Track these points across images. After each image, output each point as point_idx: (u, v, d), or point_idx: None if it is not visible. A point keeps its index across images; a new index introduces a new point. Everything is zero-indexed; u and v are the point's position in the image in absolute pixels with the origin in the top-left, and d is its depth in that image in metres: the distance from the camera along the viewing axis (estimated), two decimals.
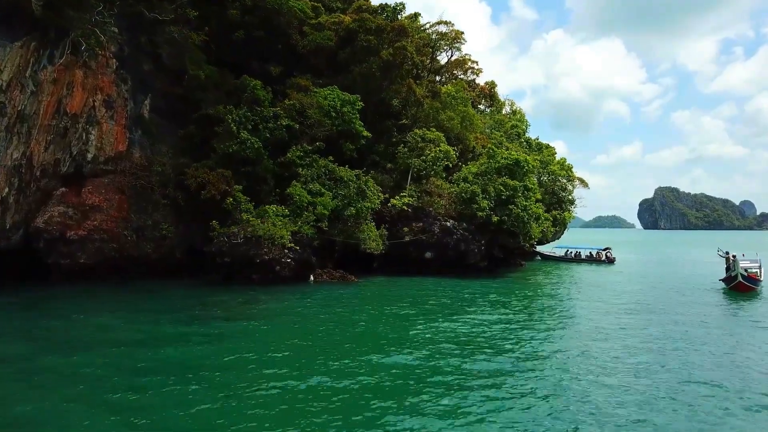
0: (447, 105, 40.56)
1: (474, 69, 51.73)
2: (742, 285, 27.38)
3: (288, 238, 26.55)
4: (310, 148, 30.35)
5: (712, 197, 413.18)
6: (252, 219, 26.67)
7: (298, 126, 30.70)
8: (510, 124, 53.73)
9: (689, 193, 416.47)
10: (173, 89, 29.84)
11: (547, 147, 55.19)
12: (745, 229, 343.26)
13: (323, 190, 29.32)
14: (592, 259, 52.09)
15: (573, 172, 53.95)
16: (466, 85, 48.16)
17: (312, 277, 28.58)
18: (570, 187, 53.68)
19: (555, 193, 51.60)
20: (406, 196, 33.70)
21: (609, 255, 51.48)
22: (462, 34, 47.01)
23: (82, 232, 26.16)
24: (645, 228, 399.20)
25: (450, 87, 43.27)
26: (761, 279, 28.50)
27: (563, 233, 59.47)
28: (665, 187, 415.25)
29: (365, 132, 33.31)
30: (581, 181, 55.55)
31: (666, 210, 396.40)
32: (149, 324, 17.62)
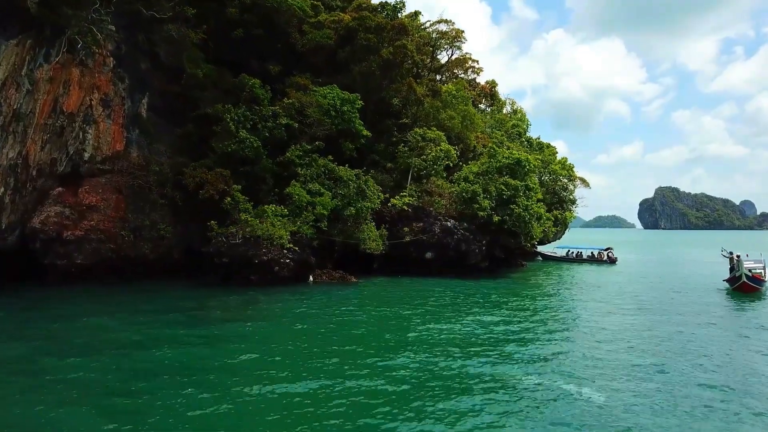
0: (448, 104, 40.29)
1: (474, 68, 51.51)
2: (746, 285, 27.09)
3: (287, 238, 26.28)
4: (309, 147, 30.06)
5: (712, 197, 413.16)
6: (251, 219, 26.40)
7: (297, 125, 30.42)
8: (511, 123, 53.46)
9: (689, 193, 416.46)
10: (171, 88, 29.55)
11: (548, 146, 54.90)
12: (746, 229, 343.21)
13: (323, 189, 29.04)
14: (593, 260, 51.81)
15: (574, 171, 53.71)
16: (466, 84, 47.89)
17: (311, 278, 28.30)
18: (571, 187, 53.44)
19: (556, 193, 51.33)
20: (406, 195, 33.43)
21: (611, 255, 51.19)
22: (462, 32, 46.78)
23: (78, 232, 25.87)
24: (645, 228, 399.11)
25: (450, 86, 42.99)
26: (766, 279, 28.20)
27: (564, 233, 59.20)
28: (665, 187, 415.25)
29: (365, 131, 33.03)
30: (582, 181, 55.30)
31: (666, 210, 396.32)
32: (146, 325, 17.37)
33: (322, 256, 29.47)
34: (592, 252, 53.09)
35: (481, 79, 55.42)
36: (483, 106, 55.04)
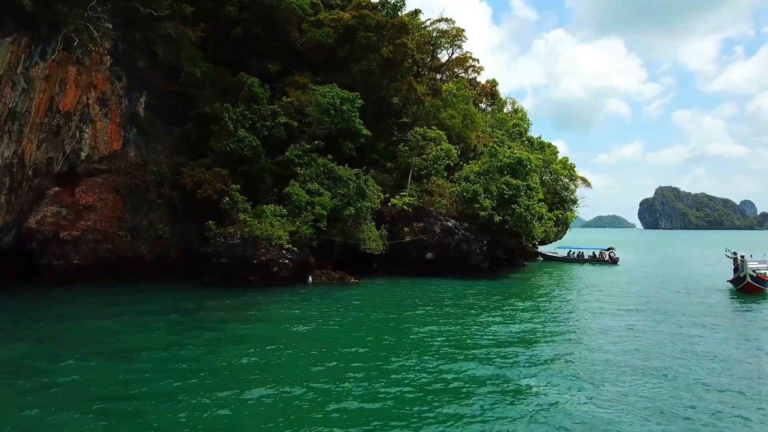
0: (448, 103, 40.01)
1: (475, 67, 51.28)
2: (750, 286, 26.81)
3: (286, 238, 26.01)
4: (308, 146, 29.77)
5: (712, 197, 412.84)
6: (249, 219, 26.12)
7: (296, 124, 30.14)
8: (511, 122, 53.16)
9: (690, 193, 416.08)
10: (169, 87, 29.30)
11: (549, 146, 54.61)
12: (746, 229, 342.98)
13: (322, 189, 28.75)
14: (595, 260, 51.51)
15: (575, 171, 53.41)
16: (467, 84, 47.59)
17: (310, 278, 28.02)
18: (572, 187, 53.15)
19: (557, 193, 51.06)
20: (406, 195, 33.14)
21: (612, 255, 50.90)
22: (463, 31, 46.51)
23: (75, 232, 25.62)
24: (645, 228, 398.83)
25: (451, 85, 42.71)
26: None
27: (565, 233, 58.93)
28: (666, 187, 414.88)
29: (365, 130, 32.75)
30: (583, 181, 55.02)
31: (666, 210, 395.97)
32: (144, 326, 17.11)
33: (321, 256, 29.18)
34: (593, 252, 52.80)
35: (482, 79, 55.23)
36: (484, 105, 54.77)
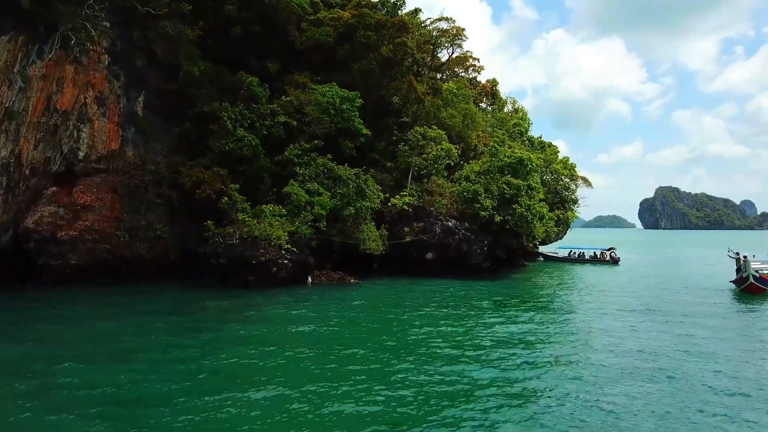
0: (448, 102, 39.79)
1: (475, 66, 51.05)
2: (753, 286, 26.59)
3: (285, 238, 25.80)
4: (308, 146, 29.57)
5: (712, 197, 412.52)
6: (248, 219, 25.93)
7: (295, 123, 29.93)
8: (512, 122, 52.95)
9: (690, 193, 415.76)
10: (168, 86, 29.09)
11: (550, 145, 54.38)
12: (746, 229, 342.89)
13: (321, 189, 28.55)
14: (596, 260, 51.30)
15: (576, 171, 53.16)
16: (467, 83, 47.38)
17: (310, 279, 27.81)
18: (573, 186, 52.92)
19: (558, 193, 50.81)
20: (406, 195, 32.92)
21: (613, 255, 50.67)
22: (463, 30, 46.30)
23: (73, 232, 25.43)
24: (645, 228, 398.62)
25: (451, 84, 42.50)
26: None
27: (566, 233, 58.70)
28: (666, 187, 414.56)
29: (365, 130, 32.52)
30: (584, 180, 54.77)
31: (667, 210, 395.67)
32: (141, 327, 16.93)
33: (321, 256, 28.97)
34: (594, 252, 52.59)
35: (482, 78, 55.00)
36: (484, 104, 54.55)
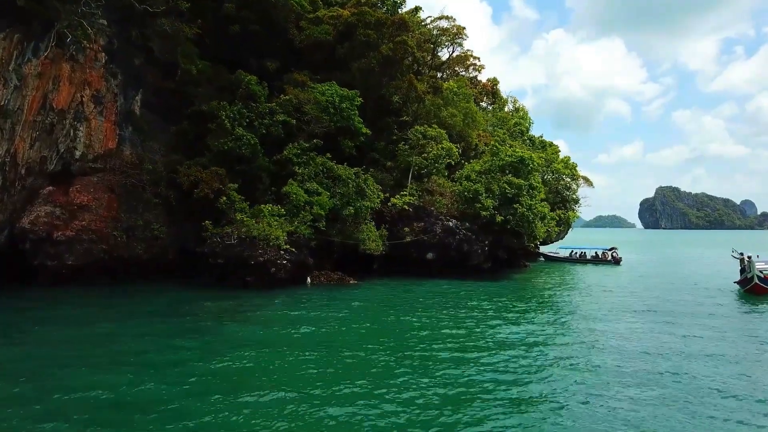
0: (449, 101, 39.51)
1: (476, 65, 50.80)
2: (758, 287, 26.30)
3: (284, 238, 25.51)
4: (307, 145, 29.27)
5: (712, 197, 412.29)
6: (246, 219, 25.64)
7: (294, 122, 29.63)
8: (513, 121, 52.65)
9: (690, 193, 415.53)
10: (165, 84, 28.79)
11: (551, 145, 54.07)
12: (746, 229, 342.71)
13: (321, 189, 28.25)
14: (597, 260, 51.00)
15: (577, 170, 52.89)
16: (467, 82, 47.09)
17: (309, 279, 27.52)
18: (574, 186, 52.65)
19: (559, 192, 50.54)
20: (406, 195, 32.62)
21: (615, 255, 50.36)
22: (464, 29, 46.08)
23: (69, 232, 25.12)
24: (646, 228, 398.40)
25: (452, 83, 42.20)
26: None
27: (567, 233, 58.41)
28: (666, 187, 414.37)
29: (364, 129, 32.24)
30: (585, 180, 54.49)
31: (667, 209, 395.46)
32: (137, 329, 16.66)
33: (320, 256, 28.68)
34: (596, 252, 52.29)
35: (483, 77, 54.71)
36: (484, 104, 54.25)
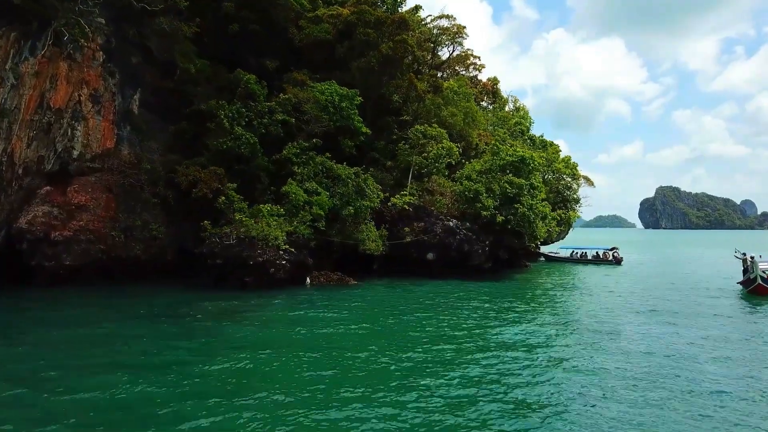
0: (449, 101, 39.31)
1: (476, 65, 50.58)
2: (762, 288, 26.08)
3: (283, 238, 25.32)
4: (306, 144, 29.08)
5: (713, 197, 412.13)
6: (245, 219, 25.44)
7: (294, 121, 29.44)
8: (513, 120, 52.46)
9: (690, 193, 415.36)
10: (164, 83, 28.59)
11: (552, 144, 53.89)
12: (747, 229, 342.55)
13: (320, 189, 28.05)
14: (598, 260, 50.77)
15: (578, 170, 52.69)
16: (468, 81, 46.89)
17: (308, 280, 27.32)
18: (575, 186, 52.44)
19: (560, 192, 50.34)
20: (407, 194, 32.42)
21: (616, 255, 50.12)
22: (464, 28, 45.90)
23: (67, 232, 24.92)
24: (646, 227, 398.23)
25: (452, 82, 42.01)
26: None
27: (568, 233, 58.19)
28: (666, 187, 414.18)
29: (364, 128, 32.05)
30: (586, 180, 54.29)
31: (667, 209, 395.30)
32: (134, 330, 16.47)
33: (319, 257, 28.48)
34: (597, 252, 52.05)
35: (483, 77, 54.50)
36: (485, 103, 54.04)
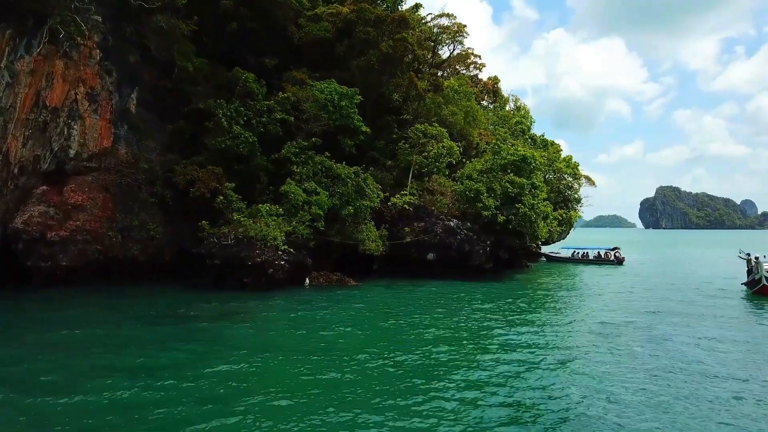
0: (450, 100, 39.01)
1: (477, 64, 50.30)
2: (766, 288, 25.82)
3: (282, 239, 25.03)
4: (305, 144, 28.79)
5: (713, 196, 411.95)
6: (243, 219, 25.16)
7: (293, 120, 29.14)
8: (514, 120, 52.17)
9: (690, 193, 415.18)
10: (161, 82, 28.32)
11: (553, 144, 53.59)
12: (747, 229, 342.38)
13: (319, 188, 27.76)
14: (600, 260, 50.50)
15: (579, 170, 52.41)
16: (468, 80, 46.60)
17: (308, 280, 27.03)
18: (576, 186, 52.15)
19: (561, 192, 50.06)
20: (407, 194, 32.14)
21: (617, 255, 49.87)
22: (464, 27, 45.64)
23: (63, 232, 24.63)
24: (646, 227, 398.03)
25: (453, 81, 41.72)
26: None
27: (569, 233, 57.92)
28: (666, 187, 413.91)
29: (364, 127, 31.75)
30: (588, 179, 53.98)
31: (667, 209, 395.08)
32: (130, 331, 16.26)
33: (319, 257, 28.19)
34: (598, 252, 51.78)
35: (483, 76, 54.22)
36: (485, 102, 53.76)
